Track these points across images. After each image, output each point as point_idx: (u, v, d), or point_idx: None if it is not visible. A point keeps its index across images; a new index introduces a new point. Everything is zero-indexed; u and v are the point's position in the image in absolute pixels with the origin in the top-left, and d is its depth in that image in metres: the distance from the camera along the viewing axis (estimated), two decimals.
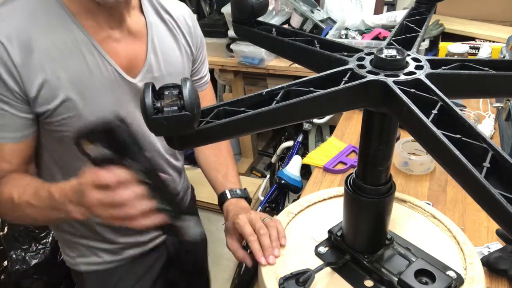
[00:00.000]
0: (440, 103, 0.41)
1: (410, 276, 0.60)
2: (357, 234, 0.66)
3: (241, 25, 0.66)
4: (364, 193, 0.59)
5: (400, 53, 0.48)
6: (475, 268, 0.64)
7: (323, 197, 0.85)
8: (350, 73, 0.48)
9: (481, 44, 1.47)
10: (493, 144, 0.36)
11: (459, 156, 0.35)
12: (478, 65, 0.46)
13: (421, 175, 1.07)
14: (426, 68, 0.46)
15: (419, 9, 0.64)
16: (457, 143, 0.37)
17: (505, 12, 1.80)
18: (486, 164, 0.35)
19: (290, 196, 1.94)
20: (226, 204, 0.89)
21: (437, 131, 0.38)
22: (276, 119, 0.46)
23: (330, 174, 1.13)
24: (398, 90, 0.43)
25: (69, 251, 0.90)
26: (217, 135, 0.46)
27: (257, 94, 0.47)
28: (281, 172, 1.61)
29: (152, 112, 0.39)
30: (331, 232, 0.71)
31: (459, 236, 0.71)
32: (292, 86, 0.47)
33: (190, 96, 0.39)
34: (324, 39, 0.60)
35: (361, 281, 0.65)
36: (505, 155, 0.35)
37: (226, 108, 0.46)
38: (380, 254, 0.66)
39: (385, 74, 0.46)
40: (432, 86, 0.43)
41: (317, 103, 0.45)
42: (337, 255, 0.69)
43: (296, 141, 2.09)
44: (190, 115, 0.39)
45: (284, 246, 0.73)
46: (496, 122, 1.21)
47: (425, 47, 1.68)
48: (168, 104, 0.40)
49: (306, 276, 0.62)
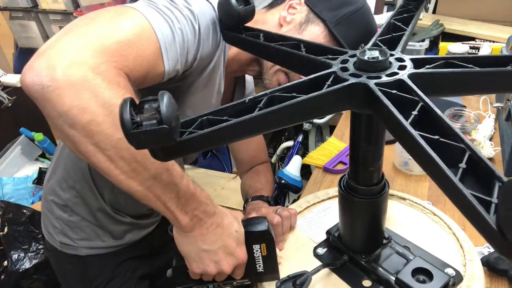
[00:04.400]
0: (421, 103, 0.41)
1: (407, 275, 0.60)
2: (353, 235, 0.66)
3: (229, 31, 0.67)
4: (357, 193, 0.59)
5: (382, 54, 0.47)
6: (474, 265, 0.64)
7: (322, 197, 0.85)
8: (333, 77, 0.48)
9: (481, 44, 1.47)
10: (470, 144, 0.36)
11: (434, 157, 0.35)
12: (462, 62, 0.45)
13: (421, 175, 1.07)
14: (409, 68, 0.46)
15: (408, 7, 0.64)
16: (434, 144, 0.37)
17: (505, 12, 1.80)
18: (462, 165, 0.35)
19: (290, 196, 1.94)
20: (246, 206, 0.91)
21: (414, 132, 0.38)
22: (259, 126, 0.46)
23: (330, 174, 1.13)
24: (379, 92, 0.43)
25: (72, 232, 0.88)
26: (200, 145, 0.46)
27: (240, 102, 0.46)
28: (281, 172, 1.61)
29: (131, 127, 0.39)
30: (329, 232, 0.71)
31: (458, 233, 0.70)
32: (276, 92, 0.47)
33: (167, 110, 0.39)
34: (309, 42, 0.60)
35: (359, 281, 0.65)
36: (481, 155, 0.34)
37: (210, 117, 0.45)
38: (378, 254, 0.66)
39: (368, 76, 0.46)
40: (413, 86, 0.43)
41: (300, 108, 0.45)
42: (335, 255, 0.69)
43: (296, 141, 2.09)
44: (168, 128, 0.39)
45: (282, 249, 0.74)
46: (496, 122, 1.20)
47: (425, 47, 1.68)
48: (146, 118, 0.39)
49: (303, 279, 0.62)
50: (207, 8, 0.66)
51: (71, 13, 2.47)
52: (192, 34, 0.62)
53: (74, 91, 0.48)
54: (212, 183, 2.44)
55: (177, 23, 0.60)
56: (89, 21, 0.55)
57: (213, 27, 0.67)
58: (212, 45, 0.68)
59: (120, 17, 0.57)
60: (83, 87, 0.48)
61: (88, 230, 0.88)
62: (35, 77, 0.48)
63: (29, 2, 2.65)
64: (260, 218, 0.67)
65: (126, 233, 0.92)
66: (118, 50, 0.53)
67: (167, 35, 0.59)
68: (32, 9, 2.66)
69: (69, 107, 0.48)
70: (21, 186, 1.75)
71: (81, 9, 2.41)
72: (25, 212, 1.53)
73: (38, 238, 1.47)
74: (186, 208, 0.58)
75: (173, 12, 0.60)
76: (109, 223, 0.88)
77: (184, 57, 0.63)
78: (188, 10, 0.62)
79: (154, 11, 0.59)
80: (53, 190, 0.88)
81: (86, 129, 0.49)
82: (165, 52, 0.59)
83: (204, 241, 0.61)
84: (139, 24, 0.57)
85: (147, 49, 0.57)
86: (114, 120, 0.49)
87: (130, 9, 0.59)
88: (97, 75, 0.49)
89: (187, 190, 0.58)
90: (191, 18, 0.62)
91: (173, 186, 0.56)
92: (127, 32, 0.55)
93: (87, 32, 0.53)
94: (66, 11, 2.51)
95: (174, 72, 0.63)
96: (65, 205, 0.87)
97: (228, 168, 2.34)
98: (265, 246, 0.65)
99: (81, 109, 0.48)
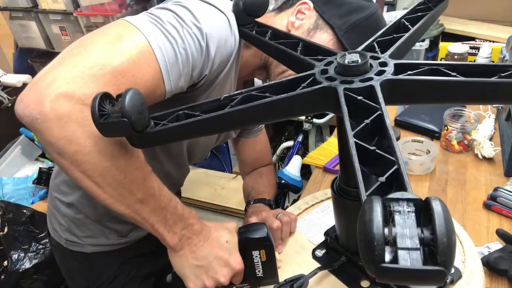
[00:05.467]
0: (379, 112, 0.40)
1: None
2: (349, 236, 0.66)
3: (242, 26, 0.67)
4: (349, 195, 0.59)
5: (362, 58, 0.46)
6: (474, 262, 0.64)
7: (321, 198, 0.85)
8: (311, 79, 0.48)
9: (481, 44, 1.47)
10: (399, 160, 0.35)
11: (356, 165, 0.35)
12: (448, 70, 0.44)
13: (421, 175, 1.07)
14: (387, 74, 0.44)
15: (427, 4, 0.61)
16: (369, 153, 0.37)
17: (505, 12, 1.80)
18: (382, 179, 0.34)
19: (290, 196, 1.94)
20: (248, 208, 0.92)
21: (351, 140, 0.38)
22: (228, 123, 0.49)
23: (330, 174, 1.13)
24: (342, 98, 0.42)
25: (77, 230, 0.88)
26: (171, 136, 0.50)
27: (216, 99, 0.49)
28: (281, 172, 1.61)
29: (98, 118, 0.44)
30: (327, 234, 0.71)
31: (458, 230, 0.70)
32: (252, 91, 0.48)
33: (128, 105, 0.43)
34: (307, 41, 0.59)
35: (357, 282, 0.65)
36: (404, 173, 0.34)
37: (186, 112, 0.49)
38: None
39: (342, 80, 0.45)
40: (378, 94, 0.42)
41: (270, 109, 0.45)
42: (333, 257, 0.69)
43: (296, 141, 2.09)
44: (127, 122, 0.44)
45: (281, 252, 0.74)
46: (496, 122, 1.20)
47: (425, 47, 1.68)
48: (114, 111, 0.44)
49: (299, 282, 0.63)
50: (218, 20, 0.64)
51: (71, 13, 2.47)
52: (199, 52, 0.61)
53: (62, 124, 0.49)
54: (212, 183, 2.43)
55: (181, 43, 0.58)
56: (83, 50, 0.54)
57: (226, 39, 0.65)
58: (225, 55, 0.66)
59: (117, 42, 0.55)
60: (70, 119, 0.50)
61: (93, 228, 0.88)
62: (25, 109, 0.50)
63: (29, 2, 2.64)
64: (259, 224, 0.67)
65: (131, 231, 0.92)
66: (111, 80, 0.52)
67: (170, 57, 0.58)
68: (32, 9, 2.65)
69: (57, 138, 0.50)
70: (21, 186, 1.75)
71: (81, 9, 2.41)
72: (25, 212, 1.53)
73: (38, 238, 1.47)
74: (174, 229, 0.62)
75: (178, 31, 0.58)
76: (114, 222, 0.89)
77: (189, 75, 0.62)
78: (196, 27, 0.60)
79: (157, 30, 0.58)
80: (59, 188, 0.88)
81: (73, 158, 0.51)
82: (166, 74, 0.58)
83: (195, 257, 0.63)
84: (138, 48, 0.55)
85: (145, 75, 0.56)
86: (100, 149, 0.51)
87: (131, 29, 0.57)
88: (85, 107, 0.50)
89: (174, 212, 0.61)
90: (198, 37, 0.60)
91: (160, 210, 0.59)
92: (123, 60, 0.54)
93: (79, 62, 0.52)
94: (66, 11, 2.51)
95: (178, 89, 0.62)
96: (71, 203, 0.87)
97: (228, 168, 2.34)
98: (264, 252, 0.65)
99: (68, 140, 0.50)
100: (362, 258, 0.27)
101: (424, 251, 0.27)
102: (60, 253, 0.95)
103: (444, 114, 1.13)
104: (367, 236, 0.26)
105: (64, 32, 2.63)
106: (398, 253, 0.26)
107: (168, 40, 0.57)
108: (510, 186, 0.96)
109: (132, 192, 0.56)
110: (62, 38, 2.67)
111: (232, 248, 0.65)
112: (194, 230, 0.64)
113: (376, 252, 0.26)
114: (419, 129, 1.23)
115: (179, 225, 0.62)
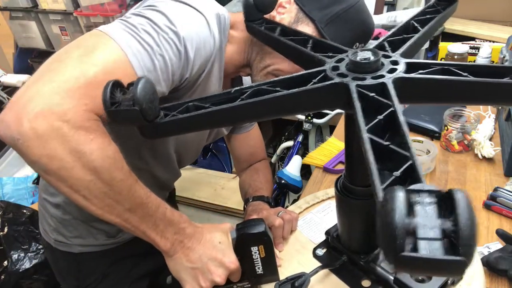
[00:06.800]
0: (391, 108, 0.40)
1: (406, 275, 0.60)
2: (351, 235, 0.66)
3: (251, 22, 0.68)
4: (353, 194, 0.59)
5: (374, 56, 0.47)
6: (474, 264, 0.64)
7: (321, 198, 0.85)
8: (322, 75, 0.48)
9: (481, 44, 1.47)
10: (414, 156, 0.35)
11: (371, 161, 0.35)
12: (460, 70, 0.44)
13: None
14: (399, 72, 0.45)
15: (436, 7, 0.61)
16: (381, 148, 0.37)
17: (505, 12, 1.80)
18: (396, 173, 0.34)
19: (290, 196, 1.94)
20: (247, 206, 0.91)
21: (365, 135, 0.38)
22: (238, 116, 0.49)
23: (330, 174, 1.13)
24: (355, 94, 0.42)
25: (65, 230, 0.89)
26: (180, 127, 0.51)
27: (226, 92, 0.49)
28: (281, 172, 1.61)
29: (109, 105, 0.45)
30: (328, 233, 0.71)
31: None
32: (262, 86, 0.48)
33: (140, 93, 0.44)
34: (317, 39, 0.60)
35: (358, 281, 0.65)
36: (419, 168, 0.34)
37: (196, 103, 0.49)
38: (376, 254, 0.66)
39: (354, 77, 0.45)
40: (391, 91, 0.42)
41: (280, 103, 0.45)
42: (334, 256, 0.69)
43: (296, 141, 2.09)
44: (138, 110, 0.44)
45: (282, 250, 0.74)
46: (496, 122, 1.20)
47: (425, 47, 1.68)
48: (125, 99, 0.44)
49: (301, 280, 0.63)
50: (195, 22, 0.64)
51: (71, 13, 2.47)
52: (177, 57, 0.61)
53: (42, 142, 0.50)
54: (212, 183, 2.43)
55: (157, 49, 0.59)
56: (58, 65, 0.54)
57: (204, 40, 0.65)
58: (205, 56, 0.66)
59: (91, 54, 0.55)
60: (50, 137, 0.50)
61: (81, 228, 0.88)
62: (6, 130, 0.50)
63: (29, 2, 2.64)
64: (257, 220, 0.67)
65: (120, 231, 0.91)
66: (87, 93, 0.52)
67: (146, 65, 0.58)
68: (32, 9, 2.65)
69: (39, 156, 0.50)
70: (21, 186, 1.75)
71: (81, 9, 2.41)
72: (25, 212, 1.53)
73: (38, 238, 1.47)
74: (166, 234, 0.62)
75: (154, 38, 0.59)
76: (102, 223, 0.88)
77: (169, 80, 0.62)
78: (172, 32, 0.60)
79: (132, 39, 0.58)
80: (46, 189, 0.89)
81: (58, 174, 0.52)
82: None
83: (189, 260, 0.64)
84: (112, 58, 0.56)
85: None
86: (84, 164, 0.52)
87: (105, 39, 0.57)
88: (63, 123, 0.50)
89: (163, 217, 0.62)
90: (175, 41, 0.60)
91: (149, 217, 0.60)
92: (97, 71, 0.54)
93: (54, 77, 0.52)
94: (66, 11, 2.51)
95: (159, 94, 0.62)
96: (58, 204, 0.87)
97: (228, 168, 2.34)
98: (263, 248, 0.65)
99: (50, 157, 0.50)
100: (382, 247, 0.27)
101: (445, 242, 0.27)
102: (50, 253, 0.95)
103: (444, 114, 1.13)
104: (390, 225, 0.26)
105: (64, 32, 2.63)
106: (419, 243, 0.26)
107: (143, 48, 0.58)
108: (510, 186, 0.96)
109: (119, 203, 0.57)
110: (62, 38, 2.67)
111: (225, 248, 0.65)
112: (186, 233, 0.64)
113: (398, 241, 0.26)
114: (419, 129, 1.23)
115: (170, 230, 0.63)
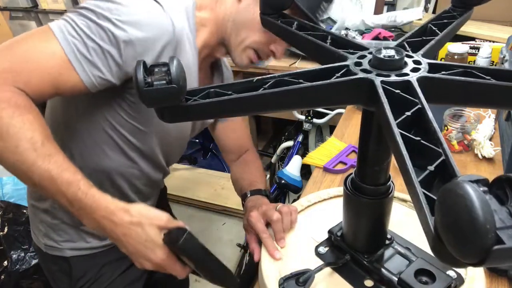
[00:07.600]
0: (418, 106, 0.41)
1: (410, 276, 0.60)
2: (357, 234, 0.66)
3: (266, 16, 0.68)
4: (363, 193, 0.59)
5: (398, 54, 0.48)
6: (475, 268, 0.64)
7: (324, 197, 0.85)
8: (345, 70, 0.48)
9: (481, 44, 1.47)
10: (447, 151, 0.36)
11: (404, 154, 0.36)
12: (482, 73, 0.44)
13: None
14: (422, 71, 0.46)
15: (452, 13, 0.62)
16: (413, 144, 0.37)
17: (505, 12, 1.80)
18: (430, 168, 0.35)
19: (290, 196, 1.94)
20: (246, 202, 0.91)
21: (395, 130, 0.38)
22: (260, 105, 0.49)
23: (330, 174, 1.13)
24: (381, 89, 0.43)
25: (55, 235, 0.88)
26: (203, 112, 0.51)
27: (247, 81, 0.49)
28: (281, 172, 1.61)
29: (143, 85, 0.45)
30: (331, 232, 0.71)
31: None
32: (284, 77, 0.48)
33: (177, 72, 0.45)
34: (336, 35, 0.60)
35: (361, 281, 0.65)
36: (453, 163, 0.34)
37: (217, 90, 0.49)
38: (380, 254, 0.66)
39: (378, 73, 0.46)
40: (417, 89, 0.43)
41: (303, 95, 0.46)
42: (337, 255, 0.69)
43: (296, 141, 2.09)
44: (177, 87, 0.45)
45: (284, 246, 0.74)
46: (496, 122, 1.21)
47: None
48: (157, 79, 0.45)
49: (306, 276, 0.62)
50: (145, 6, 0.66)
51: None
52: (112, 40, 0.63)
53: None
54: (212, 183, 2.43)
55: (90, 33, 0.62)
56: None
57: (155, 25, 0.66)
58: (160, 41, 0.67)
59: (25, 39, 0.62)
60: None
61: (71, 232, 0.88)
62: None
63: (29, 2, 2.64)
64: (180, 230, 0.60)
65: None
66: (11, 68, 0.58)
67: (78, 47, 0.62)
68: (32, 9, 2.65)
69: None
70: (21, 186, 1.75)
71: None
72: (25, 212, 1.53)
73: None
74: (82, 214, 0.61)
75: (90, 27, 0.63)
76: None
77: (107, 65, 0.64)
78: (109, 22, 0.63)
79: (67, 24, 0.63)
80: (34, 194, 0.89)
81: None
82: (77, 63, 0.63)
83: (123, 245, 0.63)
84: (42, 41, 0.61)
85: (49, 62, 0.61)
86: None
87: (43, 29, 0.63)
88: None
89: (75, 198, 0.60)
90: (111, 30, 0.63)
91: (61, 194, 0.60)
92: (24, 51, 0.60)
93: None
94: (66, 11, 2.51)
95: (104, 81, 0.66)
96: (46, 209, 0.87)
97: (228, 168, 2.34)
98: (188, 259, 0.61)
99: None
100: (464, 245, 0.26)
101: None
102: (41, 258, 0.95)
103: (444, 114, 1.13)
104: (476, 220, 0.25)
105: None
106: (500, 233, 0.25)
107: (76, 32, 0.62)
108: None
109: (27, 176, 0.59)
110: None
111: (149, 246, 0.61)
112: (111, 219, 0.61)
113: (489, 235, 0.25)
114: None
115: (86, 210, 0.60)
